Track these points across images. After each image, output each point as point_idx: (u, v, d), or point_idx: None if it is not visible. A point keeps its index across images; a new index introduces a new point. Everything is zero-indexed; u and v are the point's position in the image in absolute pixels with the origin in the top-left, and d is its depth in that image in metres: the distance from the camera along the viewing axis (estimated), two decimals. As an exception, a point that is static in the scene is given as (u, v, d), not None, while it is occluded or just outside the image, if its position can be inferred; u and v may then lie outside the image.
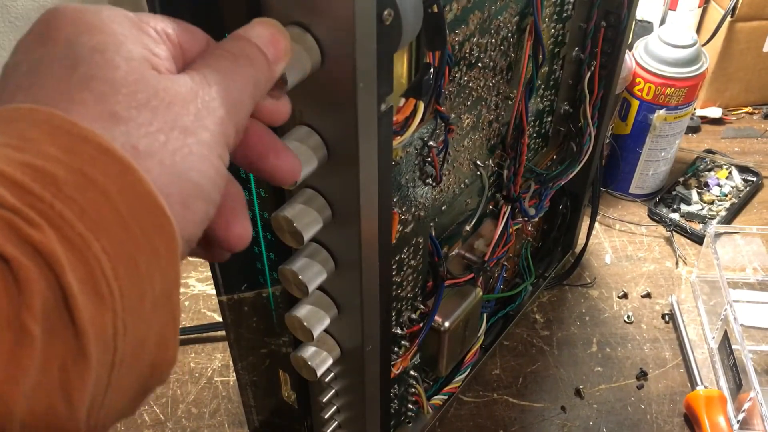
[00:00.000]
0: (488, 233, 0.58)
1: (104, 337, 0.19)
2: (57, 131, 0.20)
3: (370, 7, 0.29)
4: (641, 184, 0.86)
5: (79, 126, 0.20)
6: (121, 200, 0.20)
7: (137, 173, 0.20)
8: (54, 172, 0.19)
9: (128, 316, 0.20)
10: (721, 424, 0.62)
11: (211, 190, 0.23)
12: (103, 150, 0.20)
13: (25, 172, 0.19)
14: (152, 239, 0.20)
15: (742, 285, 0.78)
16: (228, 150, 0.24)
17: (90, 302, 0.19)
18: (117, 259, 0.19)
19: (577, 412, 0.66)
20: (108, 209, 0.20)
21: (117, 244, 0.19)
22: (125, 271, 0.20)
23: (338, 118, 0.32)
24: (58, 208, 0.19)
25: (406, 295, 0.50)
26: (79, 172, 0.19)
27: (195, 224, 0.23)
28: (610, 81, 0.62)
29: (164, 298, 0.21)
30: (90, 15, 0.23)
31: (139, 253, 0.20)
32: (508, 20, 0.48)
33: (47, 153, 0.19)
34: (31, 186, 0.18)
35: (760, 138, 0.98)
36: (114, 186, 0.20)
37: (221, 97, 0.24)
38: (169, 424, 0.64)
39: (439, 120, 0.43)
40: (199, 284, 0.76)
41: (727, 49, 0.94)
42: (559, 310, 0.75)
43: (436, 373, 0.58)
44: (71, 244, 0.19)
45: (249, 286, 0.46)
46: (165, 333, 0.22)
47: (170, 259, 0.21)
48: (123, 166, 0.20)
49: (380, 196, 0.36)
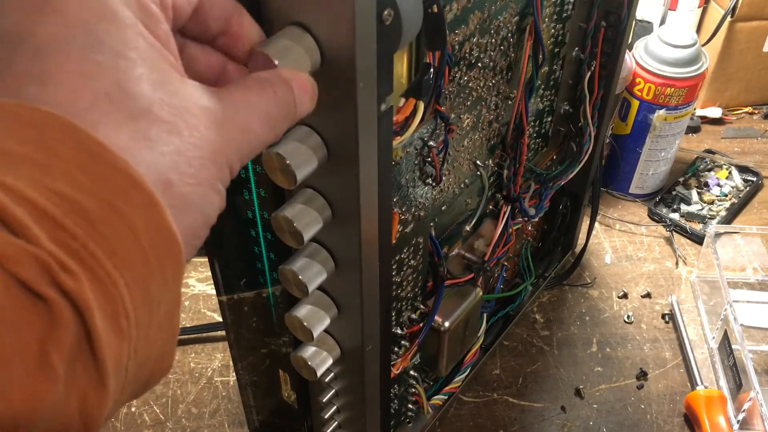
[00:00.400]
0: (488, 233, 0.58)
1: (121, 366, 0.19)
2: (83, 151, 0.19)
3: (370, 7, 0.29)
4: (641, 184, 0.86)
5: (109, 150, 0.19)
6: (145, 235, 0.20)
7: (161, 208, 0.20)
8: (86, 206, 0.19)
9: (139, 342, 0.20)
10: (721, 424, 0.62)
11: (215, 217, 0.24)
12: (134, 183, 0.20)
13: (56, 203, 0.18)
14: (165, 269, 0.21)
15: (742, 285, 0.78)
16: (233, 177, 0.24)
17: (113, 337, 0.19)
18: (135, 291, 0.20)
19: (577, 412, 0.66)
20: (133, 245, 0.20)
21: (137, 279, 0.20)
22: (141, 302, 0.20)
23: (338, 118, 0.32)
24: (91, 248, 0.18)
25: (406, 295, 0.50)
26: (108, 205, 0.19)
27: (195, 249, 0.23)
28: (610, 81, 0.62)
29: (167, 317, 0.21)
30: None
31: (153, 282, 0.20)
32: (508, 20, 0.48)
33: (76, 180, 0.19)
34: (64, 221, 0.18)
35: (760, 138, 0.98)
36: (140, 221, 0.20)
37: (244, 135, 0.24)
38: (169, 424, 0.64)
39: (439, 120, 0.43)
40: (199, 284, 0.76)
41: (727, 49, 0.94)
42: (559, 310, 0.75)
43: (436, 373, 0.58)
44: (100, 285, 0.19)
45: (249, 286, 0.46)
46: (165, 348, 0.22)
47: (176, 284, 0.21)
48: (150, 200, 0.20)
49: (380, 196, 0.36)
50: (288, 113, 0.26)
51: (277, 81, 0.26)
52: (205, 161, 0.22)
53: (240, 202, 0.41)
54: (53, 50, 0.20)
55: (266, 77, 0.26)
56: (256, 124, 0.25)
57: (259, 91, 0.25)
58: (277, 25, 0.29)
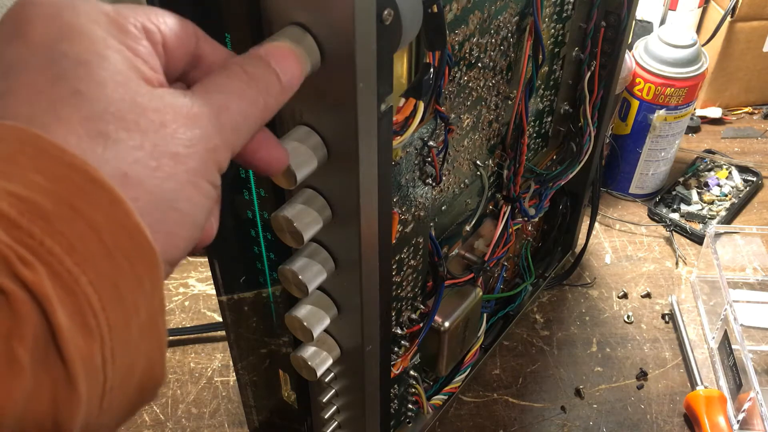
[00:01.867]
0: (488, 233, 0.58)
1: (93, 367, 0.19)
2: (42, 155, 0.19)
3: (370, 7, 0.29)
4: (641, 184, 0.86)
5: (66, 152, 0.20)
6: (107, 232, 0.20)
7: (124, 204, 0.20)
8: (42, 204, 0.19)
9: (116, 345, 0.20)
10: (721, 424, 0.62)
11: (198, 215, 0.23)
12: (91, 179, 0.20)
13: (12, 203, 0.18)
14: (136, 269, 0.20)
15: (742, 285, 0.78)
16: (221, 173, 0.24)
17: (78, 335, 0.19)
18: (103, 290, 0.19)
19: (577, 412, 0.66)
20: (95, 242, 0.19)
21: (103, 276, 0.20)
22: (111, 301, 0.20)
23: (338, 118, 0.32)
24: (48, 245, 0.19)
25: (406, 295, 0.50)
26: (66, 203, 0.19)
27: (180, 249, 0.23)
28: (610, 81, 0.63)
29: (150, 324, 0.21)
30: (67, 12, 0.22)
31: (123, 283, 0.20)
32: (508, 20, 0.48)
33: (33, 181, 0.19)
34: (19, 220, 0.18)
35: (760, 138, 0.98)
36: (101, 217, 0.20)
37: (222, 122, 0.23)
38: (169, 424, 0.64)
39: (439, 120, 0.43)
40: (199, 284, 0.76)
41: (727, 49, 0.94)
42: (559, 310, 0.75)
43: (436, 373, 0.58)
44: (60, 280, 0.19)
45: (249, 286, 0.46)
46: (152, 357, 0.22)
47: (154, 287, 0.21)
48: (110, 196, 0.20)
49: (380, 196, 0.36)
50: (269, 85, 0.25)
51: (246, 58, 0.25)
52: (174, 155, 0.22)
53: (240, 202, 0.41)
54: (15, 70, 0.21)
55: (235, 60, 0.25)
56: (233, 103, 0.24)
57: (227, 73, 0.24)
58: (277, 25, 0.29)
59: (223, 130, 0.23)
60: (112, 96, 0.21)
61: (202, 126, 0.23)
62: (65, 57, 0.21)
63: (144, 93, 0.22)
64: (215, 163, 0.23)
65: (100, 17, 0.22)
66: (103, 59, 0.21)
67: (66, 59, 0.21)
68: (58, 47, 0.21)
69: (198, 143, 0.23)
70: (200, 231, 0.24)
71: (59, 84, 0.21)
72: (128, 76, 0.22)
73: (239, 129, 0.24)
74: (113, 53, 0.22)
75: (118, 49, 0.22)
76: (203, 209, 0.23)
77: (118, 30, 0.23)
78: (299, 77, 0.27)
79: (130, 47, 0.23)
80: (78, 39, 0.21)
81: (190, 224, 0.23)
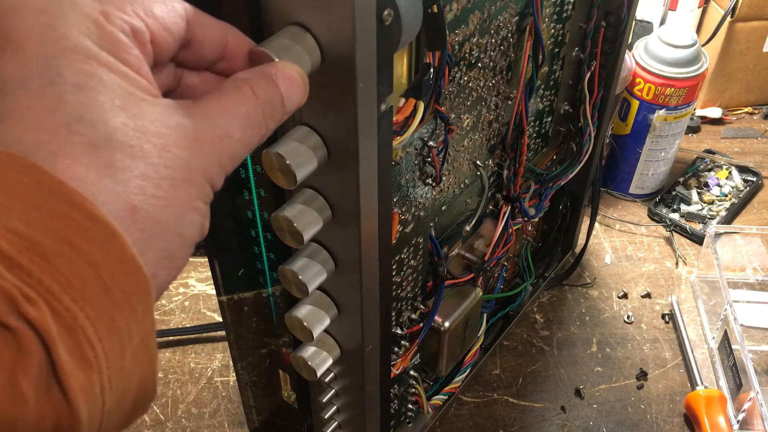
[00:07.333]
0: (488, 233, 0.58)
1: (92, 396, 0.20)
2: (42, 189, 0.19)
3: (370, 7, 0.29)
4: (641, 184, 0.86)
5: (65, 185, 0.20)
6: (105, 267, 0.20)
7: (122, 240, 0.20)
8: (40, 242, 0.19)
9: (113, 372, 0.20)
10: (721, 424, 0.62)
11: (196, 235, 0.23)
12: (90, 216, 0.20)
13: (11, 240, 0.18)
14: (131, 299, 0.21)
15: (742, 285, 0.78)
16: (215, 191, 0.24)
17: (78, 368, 0.19)
18: (99, 324, 0.20)
19: (577, 412, 0.66)
20: (93, 278, 0.20)
21: (100, 311, 0.20)
22: (107, 333, 0.20)
23: (338, 118, 0.32)
24: (47, 283, 0.19)
25: (406, 295, 0.50)
26: (65, 240, 0.19)
27: (179, 270, 0.23)
28: (610, 81, 0.63)
29: (143, 347, 0.21)
30: (59, 23, 0.21)
31: (118, 313, 0.20)
32: (508, 20, 0.48)
33: (32, 218, 0.19)
34: (19, 259, 0.18)
35: (760, 138, 0.98)
36: (99, 254, 0.20)
37: (222, 149, 0.23)
38: (169, 424, 0.64)
39: (439, 120, 0.43)
40: (199, 284, 0.76)
41: (727, 49, 0.94)
42: (559, 310, 0.75)
43: (436, 373, 0.58)
44: (60, 318, 0.19)
45: (249, 286, 0.46)
46: (146, 376, 0.22)
47: (145, 312, 0.21)
48: (109, 232, 0.20)
49: (380, 196, 0.36)
50: (274, 111, 0.25)
51: (258, 78, 0.25)
52: (177, 181, 0.22)
53: (240, 202, 0.41)
54: (12, 87, 0.21)
55: (245, 77, 0.25)
56: (236, 131, 0.24)
57: (236, 95, 0.24)
58: (277, 25, 0.29)
59: (222, 156, 0.23)
60: (114, 122, 0.21)
61: (204, 152, 0.23)
62: (61, 77, 0.21)
63: (144, 115, 0.22)
64: (212, 185, 0.24)
65: (90, 27, 0.22)
66: (100, 81, 0.21)
67: (63, 80, 0.21)
68: (55, 64, 0.21)
69: (198, 168, 0.23)
70: (193, 248, 0.24)
71: (61, 109, 0.20)
72: (126, 98, 0.22)
73: (237, 156, 0.24)
74: (107, 73, 0.21)
75: (112, 66, 0.22)
76: (201, 228, 0.23)
77: (107, 40, 0.22)
78: (299, 105, 0.27)
79: (123, 59, 0.22)
80: (72, 55, 0.21)
81: (190, 246, 0.23)
